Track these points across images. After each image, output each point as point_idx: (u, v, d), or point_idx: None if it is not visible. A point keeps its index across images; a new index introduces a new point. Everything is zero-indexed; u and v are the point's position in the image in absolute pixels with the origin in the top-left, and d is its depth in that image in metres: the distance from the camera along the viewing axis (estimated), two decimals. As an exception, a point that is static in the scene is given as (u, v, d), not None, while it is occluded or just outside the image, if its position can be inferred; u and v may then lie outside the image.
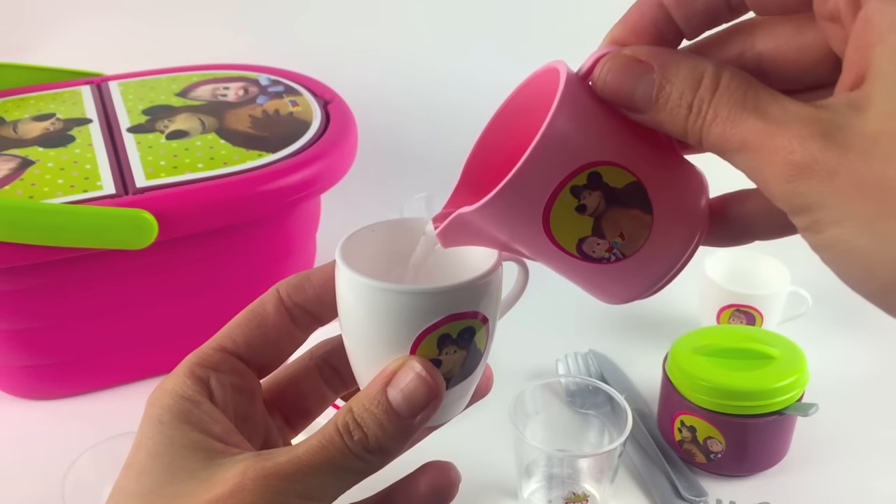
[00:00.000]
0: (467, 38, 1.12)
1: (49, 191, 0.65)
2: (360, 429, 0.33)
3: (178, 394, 0.35)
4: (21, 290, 0.66)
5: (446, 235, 0.35)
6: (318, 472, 0.32)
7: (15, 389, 0.74)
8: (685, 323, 0.80)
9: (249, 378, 0.38)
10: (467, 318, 0.35)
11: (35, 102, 0.80)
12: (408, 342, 0.34)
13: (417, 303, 0.34)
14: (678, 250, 0.34)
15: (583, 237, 0.33)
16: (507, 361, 0.78)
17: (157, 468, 0.33)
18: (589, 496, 0.61)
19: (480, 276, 0.35)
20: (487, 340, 0.37)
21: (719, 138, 0.28)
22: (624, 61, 0.30)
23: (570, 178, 0.31)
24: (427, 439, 0.71)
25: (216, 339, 0.38)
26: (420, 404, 0.33)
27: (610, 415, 0.62)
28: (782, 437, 0.65)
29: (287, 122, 0.76)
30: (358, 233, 0.39)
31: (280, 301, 0.38)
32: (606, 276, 0.35)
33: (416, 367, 0.33)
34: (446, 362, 0.35)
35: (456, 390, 0.37)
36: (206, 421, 0.34)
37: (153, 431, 0.34)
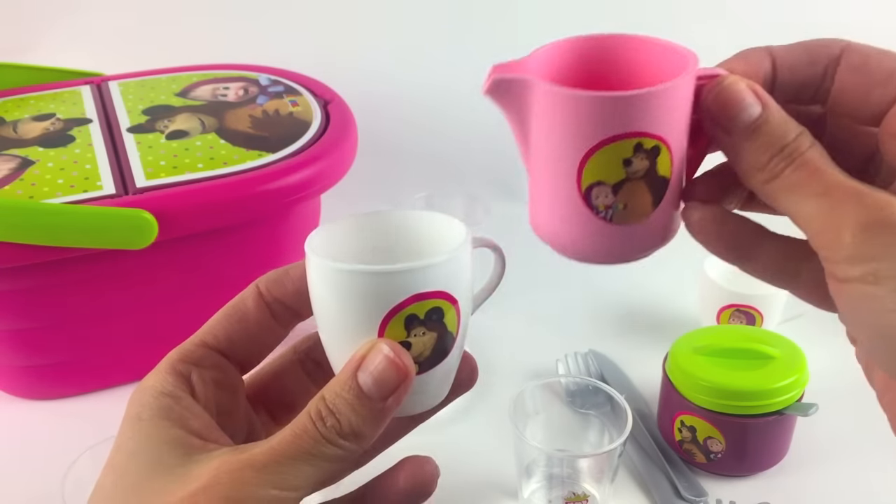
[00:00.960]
0: (467, 39, 1.12)
1: (49, 191, 0.65)
2: (333, 415, 0.33)
3: (158, 390, 0.35)
4: (21, 290, 0.66)
5: (500, 84, 0.38)
6: (293, 461, 0.32)
7: (15, 389, 0.74)
8: (685, 323, 0.80)
9: (231, 373, 0.38)
10: (434, 299, 0.35)
11: (35, 102, 0.80)
12: (374, 324, 0.34)
13: (380, 283, 0.34)
14: (640, 248, 0.38)
15: (601, 182, 0.35)
16: (507, 361, 0.78)
17: (136, 466, 0.33)
18: (589, 496, 0.61)
19: (443, 256, 0.35)
20: (459, 323, 0.37)
21: (802, 180, 0.32)
22: (744, 87, 0.33)
23: (646, 136, 0.34)
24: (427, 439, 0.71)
25: (198, 335, 0.38)
26: (390, 386, 0.33)
27: (610, 415, 0.62)
28: (782, 437, 0.65)
29: (287, 122, 0.76)
30: (329, 225, 0.39)
31: (260, 296, 0.38)
32: (581, 223, 0.36)
33: (384, 350, 0.34)
34: (416, 344, 0.35)
35: (431, 376, 0.37)
36: (186, 417, 0.34)
37: (132, 430, 0.34)
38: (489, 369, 0.77)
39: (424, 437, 0.69)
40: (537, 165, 0.37)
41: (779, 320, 0.78)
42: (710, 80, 0.35)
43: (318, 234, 0.38)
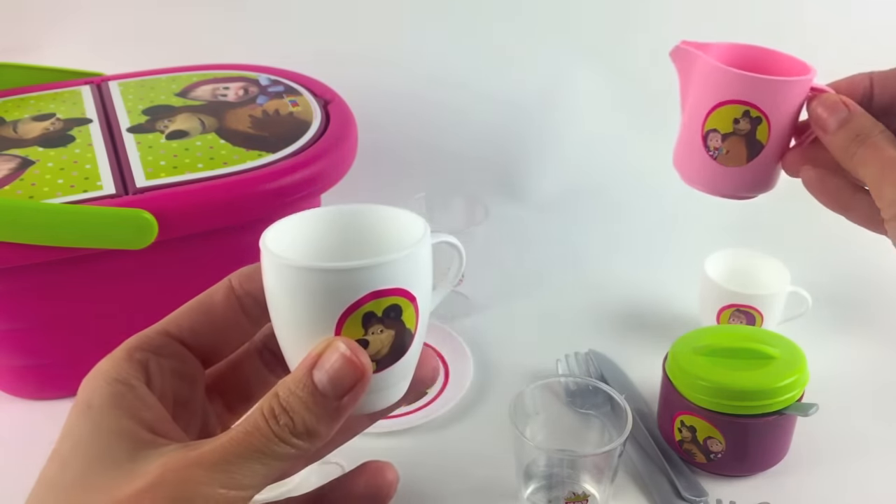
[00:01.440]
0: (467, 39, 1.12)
1: (49, 191, 0.65)
2: (286, 413, 0.32)
3: (111, 377, 0.34)
4: (21, 290, 0.66)
5: (679, 50, 0.56)
6: (243, 459, 0.32)
7: (15, 389, 0.74)
8: (685, 323, 0.80)
9: (191, 364, 0.37)
10: (391, 296, 0.34)
11: (35, 102, 0.80)
12: (331, 322, 0.34)
13: (336, 280, 0.33)
14: (733, 188, 0.54)
15: (715, 129, 0.52)
16: (507, 361, 0.78)
17: (81, 458, 0.32)
18: (589, 496, 0.61)
19: (401, 253, 0.35)
20: (418, 320, 0.36)
21: (867, 155, 0.46)
22: (836, 99, 0.48)
23: (754, 107, 0.51)
24: (427, 439, 0.71)
25: (161, 323, 0.37)
26: (346, 385, 0.33)
27: (610, 415, 0.62)
28: (782, 437, 0.65)
29: (287, 122, 0.76)
30: (286, 220, 0.38)
31: (231, 289, 0.38)
32: (698, 158, 0.54)
33: (341, 348, 0.33)
34: (374, 342, 0.35)
35: (390, 373, 0.36)
36: (139, 407, 0.33)
37: (80, 418, 0.33)
38: (489, 369, 0.77)
39: (424, 437, 0.69)
40: (685, 114, 0.55)
41: (779, 320, 0.78)
42: (819, 92, 0.50)
43: (274, 230, 0.37)
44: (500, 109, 1.10)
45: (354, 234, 0.40)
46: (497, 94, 1.10)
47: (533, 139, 1.10)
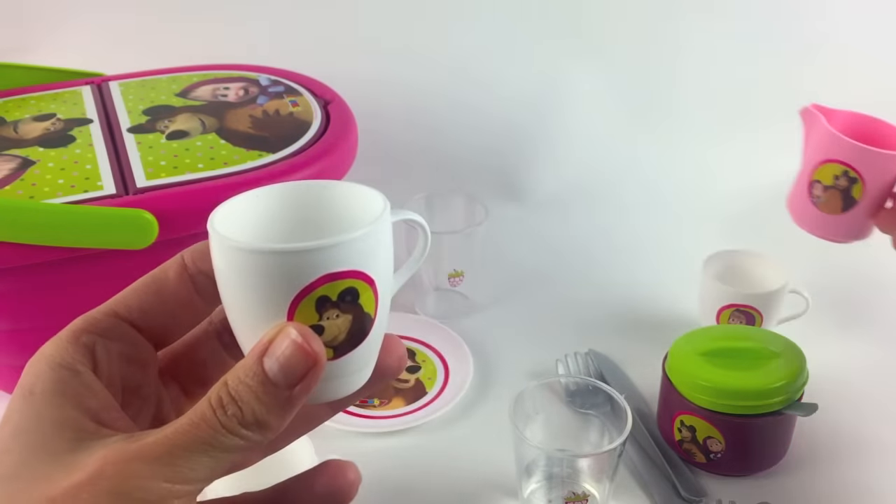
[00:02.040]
0: (467, 39, 1.12)
1: (49, 191, 0.65)
2: (235, 402, 0.30)
3: (55, 361, 0.32)
4: (21, 290, 0.66)
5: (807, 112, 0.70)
6: (189, 451, 0.30)
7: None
8: (685, 323, 0.80)
9: (142, 347, 0.35)
10: (347, 279, 0.32)
11: (35, 102, 0.80)
12: (282, 308, 0.32)
13: (287, 262, 0.31)
14: (828, 233, 0.69)
15: (819, 181, 0.67)
16: (507, 361, 0.78)
17: (20, 447, 0.30)
18: (589, 496, 0.61)
19: (356, 232, 0.32)
20: (377, 303, 0.34)
21: None
22: None
23: (852, 168, 0.65)
24: (427, 439, 0.71)
25: (108, 303, 0.35)
26: (298, 373, 0.31)
27: (610, 415, 0.62)
28: (782, 437, 0.65)
29: (287, 122, 0.76)
30: (238, 198, 0.36)
31: (183, 267, 0.36)
32: (803, 203, 0.69)
33: (292, 334, 0.31)
34: (330, 328, 0.32)
35: (348, 360, 0.34)
36: (83, 394, 0.32)
37: (22, 404, 0.31)
38: (489, 369, 0.77)
39: (424, 437, 0.69)
40: (802, 163, 0.68)
41: (778, 320, 0.78)
42: None
43: (223, 208, 0.35)
44: (500, 109, 1.10)
45: (309, 212, 0.37)
46: (497, 94, 1.10)
47: (533, 139, 1.10)
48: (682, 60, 1.11)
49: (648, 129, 1.11)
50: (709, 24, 1.09)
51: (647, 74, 1.12)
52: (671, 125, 1.11)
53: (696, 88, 1.11)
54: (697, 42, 1.10)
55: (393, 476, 0.65)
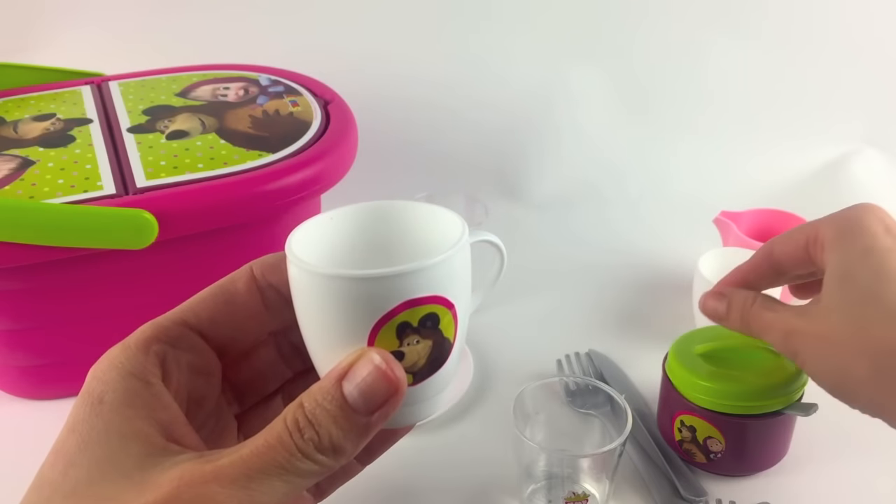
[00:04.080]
0: (467, 39, 1.12)
1: (49, 191, 0.65)
2: (312, 426, 0.30)
3: (127, 370, 0.31)
4: (21, 290, 0.66)
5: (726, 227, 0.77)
6: (264, 475, 0.29)
7: (15, 389, 0.74)
8: (685, 323, 0.80)
9: (209, 358, 0.35)
10: (428, 304, 0.32)
11: (35, 102, 0.80)
12: (363, 334, 0.31)
13: (368, 289, 0.31)
14: None
15: None
16: (507, 361, 0.78)
17: (87, 461, 0.29)
18: (589, 496, 0.61)
19: (438, 258, 0.31)
20: (457, 328, 0.33)
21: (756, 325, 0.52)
22: (713, 292, 0.57)
23: None
24: (427, 439, 0.71)
25: (178, 311, 0.35)
26: (378, 400, 0.30)
27: (610, 415, 0.62)
28: (782, 437, 0.65)
29: (287, 122, 0.76)
30: (314, 221, 0.36)
31: (252, 279, 0.35)
32: None
33: (375, 360, 0.30)
34: (410, 354, 0.32)
35: (427, 385, 0.33)
36: (154, 406, 0.31)
37: (90, 413, 0.30)
38: (489, 369, 0.77)
39: (424, 437, 0.69)
40: None
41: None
42: None
43: (301, 231, 0.34)
44: (500, 109, 1.10)
45: (387, 235, 0.37)
46: (497, 94, 1.10)
47: (533, 139, 1.10)
48: (681, 61, 1.11)
49: (647, 130, 1.11)
50: (709, 24, 1.09)
51: (647, 75, 1.12)
52: (671, 125, 1.11)
53: (695, 89, 1.11)
54: (697, 43, 1.10)
55: (393, 476, 0.65)
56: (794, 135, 1.09)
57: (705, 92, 1.10)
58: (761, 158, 1.08)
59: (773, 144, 1.09)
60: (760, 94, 1.10)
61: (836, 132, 1.09)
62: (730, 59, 1.09)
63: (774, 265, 0.55)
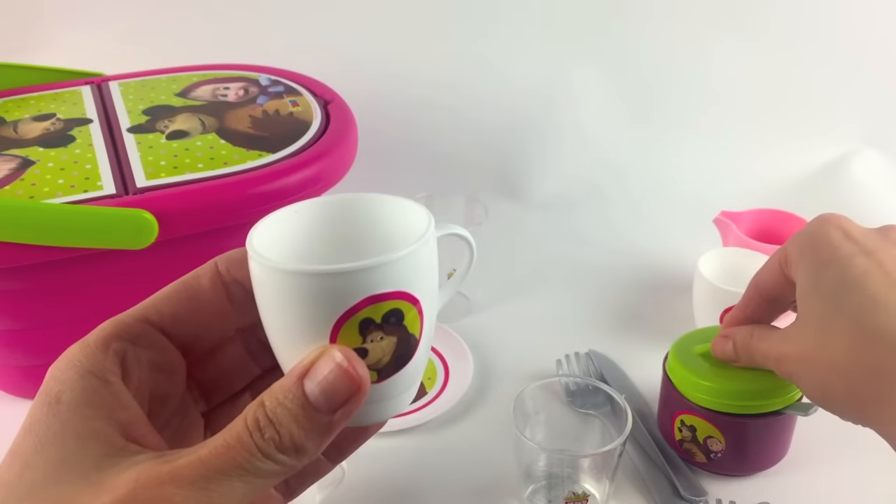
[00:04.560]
0: (467, 38, 1.12)
1: (49, 191, 0.65)
2: (272, 426, 0.29)
3: (85, 368, 0.31)
4: (21, 290, 0.66)
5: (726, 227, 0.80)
6: (223, 475, 0.28)
7: (15, 389, 0.74)
8: (685, 323, 0.80)
9: (172, 355, 0.34)
10: (391, 300, 0.31)
11: (35, 102, 0.80)
12: (325, 331, 0.31)
13: (327, 285, 0.30)
14: None
15: None
16: (507, 361, 0.78)
17: (43, 462, 0.29)
18: (589, 496, 0.61)
19: (400, 252, 0.31)
20: (423, 324, 0.33)
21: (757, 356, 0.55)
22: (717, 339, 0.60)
23: None
24: (427, 439, 0.71)
25: (139, 308, 0.34)
26: (340, 399, 0.29)
27: (610, 415, 0.62)
28: (782, 437, 0.65)
29: (287, 122, 0.76)
30: (277, 214, 0.35)
31: (217, 275, 0.34)
32: None
33: (337, 357, 0.30)
34: (374, 351, 0.31)
35: (392, 383, 0.33)
36: (113, 406, 0.30)
37: (47, 413, 0.30)
38: (489, 369, 0.77)
39: (424, 437, 0.69)
40: None
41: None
42: None
43: (262, 224, 0.34)
44: (500, 109, 1.10)
45: (351, 227, 0.36)
46: (497, 93, 1.10)
47: (533, 139, 1.10)
48: (682, 61, 1.11)
49: (649, 130, 1.11)
50: (710, 24, 1.09)
51: (647, 75, 1.12)
52: (671, 125, 1.11)
53: (695, 89, 1.11)
54: (698, 43, 1.10)
55: (393, 476, 0.65)
56: (794, 135, 1.09)
57: (705, 92, 1.10)
58: (762, 158, 1.08)
59: (773, 145, 1.09)
60: (761, 95, 1.10)
61: (836, 132, 1.09)
62: (730, 59, 1.09)
63: (763, 295, 0.56)
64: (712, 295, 0.76)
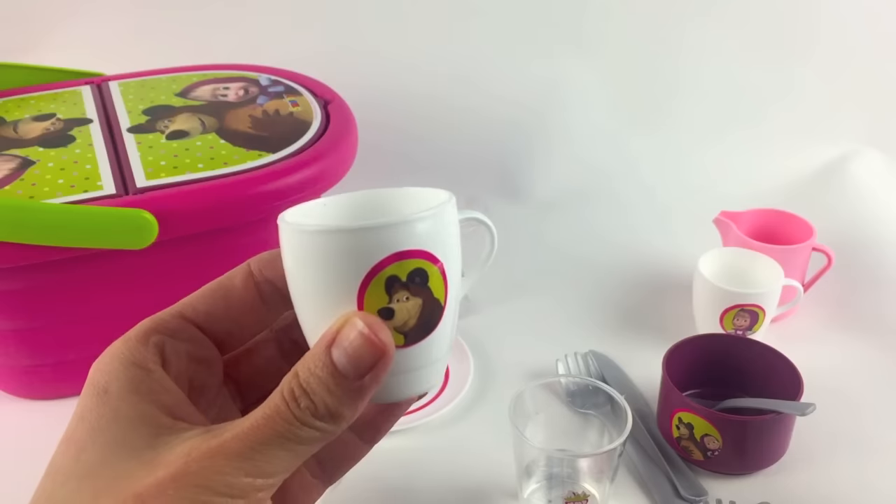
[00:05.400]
0: (467, 38, 1.12)
1: (49, 191, 0.65)
2: (307, 395, 0.30)
3: (128, 360, 0.33)
4: (21, 290, 0.66)
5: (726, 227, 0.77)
6: (267, 445, 0.30)
7: (15, 389, 0.74)
8: (685, 323, 0.80)
9: (208, 348, 0.36)
10: (415, 258, 0.32)
11: (35, 102, 0.80)
12: (353, 289, 0.32)
13: (356, 241, 0.31)
14: None
15: None
16: (507, 361, 0.78)
17: (99, 445, 0.31)
18: (589, 496, 0.61)
19: (422, 213, 0.32)
20: (447, 290, 0.34)
21: None
22: None
23: None
24: (427, 439, 0.71)
25: (176, 306, 0.36)
26: (366, 364, 0.31)
27: (610, 415, 0.62)
28: (780, 436, 0.65)
29: (287, 122, 0.76)
30: (308, 204, 0.36)
31: (250, 275, 0.36)
32: None
33: (358, 325, 0.31)
34: (400, 312, 0.32)
35: (419, 351, 0.33)
36: (157, 391, 0.32)
37: (96, 402, 0.32)
38: (489, 369, 0.77)
39: (424, 436, 0.69)
40: None
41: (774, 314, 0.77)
42: None
43: (294, 210, 0.35)
44: (500, 109, 1.10)
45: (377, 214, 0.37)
46: (497, 93, 1.10)
47: (533, 139, 1.10)
48: (681, 61, 1.11)
49: (648, 130, 1.11)
50: (708, 25, 1.09)
51: (646, 75, 1.12)
52: (670, 125, 1.11)
53: (695, 89, 1.11)
54: (696, 43, 1.10)
55: (393, 476, 0.65)
56: (794, 135, 1.09)
57: (706, 92, 1.10)
58: (761, 158, 1.08)
59: (773, 144, 1.09)
60: (761, 95, 1.10)
61: (836, 132, 1.09)
62: (731, 59, 1.09)
63: None
64: (712, 295, 0.76)
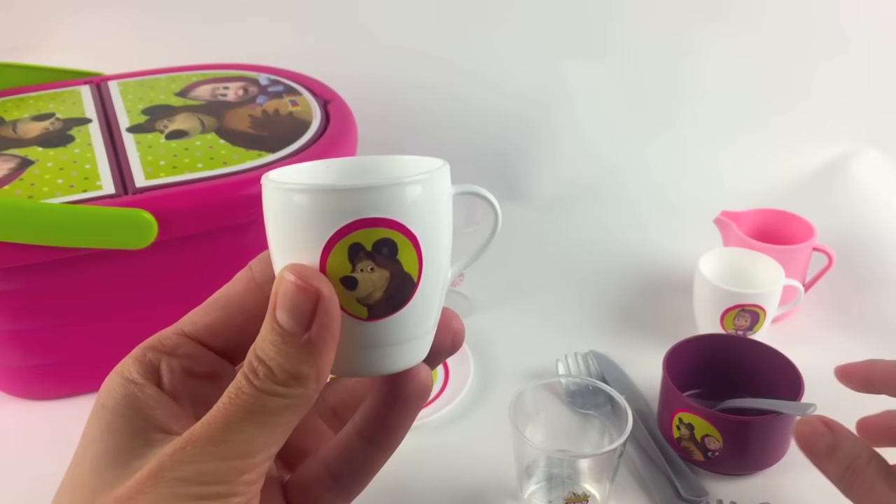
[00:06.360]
0: (467, 38, 1.11)
1: (49, 191, 0.65)
2: (263, 363, 0.30)
3: (124, 377, 0.34)
4: (21, 290, 0.66)
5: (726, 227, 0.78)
6: (236, 424, 0.30)
7: (15, 389, 0.74)
8: (685, 323, 0.80)
9: (212, 362, 0.36)
10: (382, 227, 0.31)
11: (35, 102, 0.80)
12: (315, 251, 0.31)
13: (320, 201, 0.30)
14: None
15: None
16: (507, 361, 0.78)
17: (92, 455, 0.32)
18: (589, 496, 0.61)
19: (398, 180, 0.31)
20: (421, 266, 0.32)
21: (860, 495, 0.45)
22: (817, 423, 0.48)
23: None
24: (427, 439, 0.71)
25: (177, 323, 0.36)
26: (305, 313, 0.30)
27: (610, 415, 0.62)
28: (780, 437, 0.65)
29: (287, 121, 0.76)
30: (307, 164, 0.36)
31: (251, 279, 0.36)
32: None
33: (287, 276, 0.30)
34: (364, 282, 0.31)
35: (387, 326, 0.32)
36: (150, 406, 0.33)
37: (94, 417, 0.33)
38: (489, 369, 0.77)
39: (424, 436, 0.69)
40: None
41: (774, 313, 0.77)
42: None
43: (288, 169, 0.35)
44: (500, 109, 1.10)
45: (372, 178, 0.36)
46: (498, 93, 1.10)
47: (534, 139, 1.10)
48: (683, 61, 1.10)
49: (649, 129, 1.11)
50: (711, 24, 1.08)
51: (648, 75, 1.12)
52: (672, 125, 1.11)
53: (697, 88, 1.11)
54: (699, 43, 1.09)
55: (393, 476, 0.65)
56: (794, 135, 1.09)
57: (706, 92, 1.10)
58: (761, 158, 1.08)
59: (773, 144, 1.09)
60: (761, 95, 1.10)
61: (837, 132, 1.09)
62: (732, 58, 1.09)
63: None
64: (713, 295, 0.76)
